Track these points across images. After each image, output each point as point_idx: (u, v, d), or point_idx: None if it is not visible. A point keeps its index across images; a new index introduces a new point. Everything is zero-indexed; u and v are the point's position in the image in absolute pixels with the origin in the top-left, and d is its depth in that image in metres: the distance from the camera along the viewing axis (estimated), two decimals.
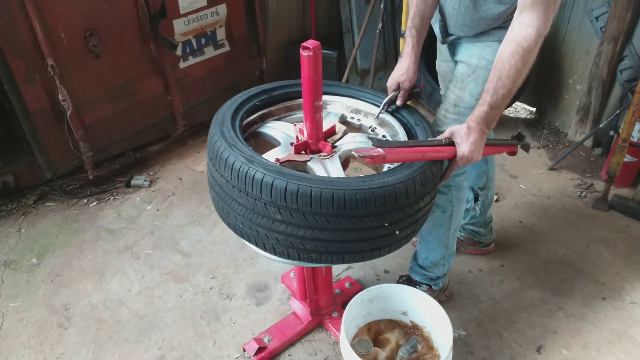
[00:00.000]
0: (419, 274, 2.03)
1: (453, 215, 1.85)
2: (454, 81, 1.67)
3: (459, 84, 1.64)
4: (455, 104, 1.66)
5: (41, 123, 2.48)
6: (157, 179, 2.91)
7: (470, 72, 1.61)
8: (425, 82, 3.37)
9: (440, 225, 1.87)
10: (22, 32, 2.25)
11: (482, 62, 1.57)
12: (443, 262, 1.96)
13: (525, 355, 1.89)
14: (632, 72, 2.78)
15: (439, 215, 1.85)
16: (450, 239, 1.92)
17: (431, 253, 1.95)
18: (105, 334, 2.00)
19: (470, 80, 1.61)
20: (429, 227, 1.90)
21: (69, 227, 2.56)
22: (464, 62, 1.63)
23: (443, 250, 1.93)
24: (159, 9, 2.63)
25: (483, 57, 1.57)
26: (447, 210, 1.83)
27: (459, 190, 1.81)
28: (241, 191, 1.27)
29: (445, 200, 1.81)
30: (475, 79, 1.60)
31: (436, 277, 2.00)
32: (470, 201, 2.18)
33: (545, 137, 3.21)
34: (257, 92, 1.66)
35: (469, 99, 1.62)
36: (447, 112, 1.69)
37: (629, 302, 2.09)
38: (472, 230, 2.26)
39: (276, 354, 1.90)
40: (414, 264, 2.04)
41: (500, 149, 1.80)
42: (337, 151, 1.51)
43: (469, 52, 1.62)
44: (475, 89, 1.60)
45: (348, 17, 3.42)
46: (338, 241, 1.28)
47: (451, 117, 1.68)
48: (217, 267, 2.30)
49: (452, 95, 1.67)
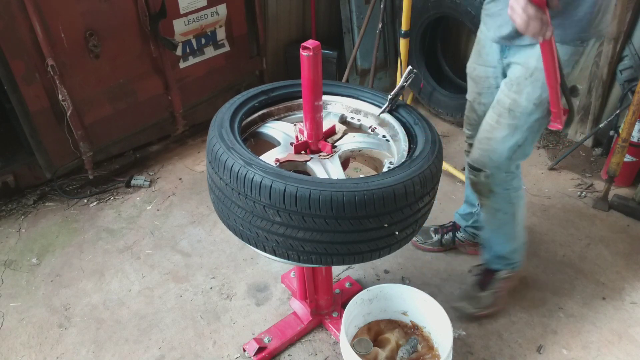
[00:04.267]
0: (499, 263, 2.03)
1: (516, 213, 1.86)
2: (509, 84, 1.61)
3: (515, 87, 1.58)
4: (511, 108, 1.61)
5: (41, 123, 2.48)
6: (157, 179, 2.91)
7: (527, 75, 1.55)
8: (425, 82, 3.37)
9: (505, 224, 1.89)
10: (22, 32, 2.25)
11: (540, 64, 1.48)
12: (519, 248, 1.99)
13: (525, 355, 1.89)
14: (632, 72, 2.77)
15: (501, 216, 1.86)
16: (519, 232, 1.94)
17: (504, 246, 1.97)
18: (105, 334, 2.00)
19: (527, 84, 1.56)
20: (495, 227, 1.92)
21: (69, 227, 2.56)
22: (521, 65, 1.57)
23: (514, 242, 1.96)
24: (159, 9, 2.63)
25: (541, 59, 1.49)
26: (509, 211, 1.84)
27: (516, 191, 1.81)
28: (240, 194, 1.28)
29: (504, 202, 1.81)
30: (533, 82, 1.54)
31: (515, 261, 2.02)
32: (475, 205, 2.18)
33: (545, 137, 3.21)
34: (256, 93, 1.66)
35: (525, 103, 1.57)
36: (501, 117, 1.64)
37: (629, 302, 2.09)
38: (472, 233, 2.26)
39: (276, 354, 1.90)
40: (491, 256, 2.03)
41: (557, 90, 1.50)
42: (337, 151, 1.51)
43: (527, 53, 1.55)
44: (532, 92, 1.55)
45: (348, 17, 3.41)
46: (338, 243, 1.28)
47: (505, 122, 1.63)
48: (217, 267, 2.30)
49: (506, 100, 1.61)
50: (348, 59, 3.33)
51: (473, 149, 1.80)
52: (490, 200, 1.83)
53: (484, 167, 1.75)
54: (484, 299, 1.99)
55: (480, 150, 1.75)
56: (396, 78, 2.92)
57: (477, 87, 1.86)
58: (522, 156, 1.72)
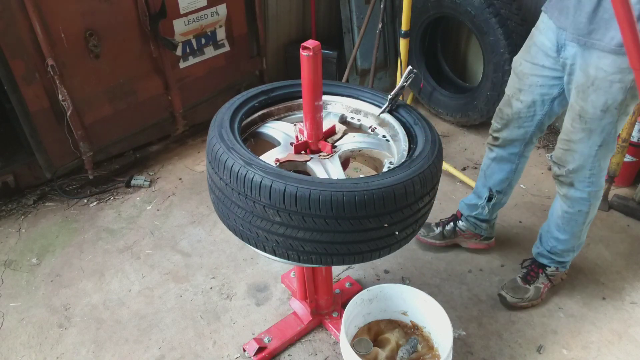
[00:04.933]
0: (548, 259, 2.06)
1: (589, 212, 1.87)
2: (576, 90, 1.62)
3: (581, 95, 1.59)
4: (580, 114, 1.63)
5: (41, 123, 2.47)
6: (157, 179, 2.91)
7: (589, 83, 1.55)
8: (425, 82, 3.37)
9: (575, 222, 1.90)
10: (22, 32, 2.25)
11: (600, 74, 1.50)
12: (574, 248, 2.01)
13: (525, 355, 1.89)
14: None
15: (574, 212, 1.87)
16: (584, 232, 1.96)
17: (562, 243, 1.98)
18: (105, 334, 2.00)
19: (590, 92, 1.56)
20: (563, 221, 1.93)
21: (69, 227, 2.56)
22: (582, 71, 1.57)
23: (575, 241, 1.98)
24: (159, 9, 2.63)
25: (601, 69, 1.50)
26: (583, 209, 1.86)
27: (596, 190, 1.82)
28: (240, 194, 1.28)
29: (582, 201, 1.83)
30: (595, 90, 1.55)
31: (566, 261, 2.05)
32: (483, 199, 2.18)
33: (545, 137, 3.21)
34: (256, 93, 1.66)
35: (592, 110, 1.58)
36: (574, 122, 1.66)
37: (629, 302, 2.09)
38: (474, 222, 2.26)
39: (276, 354, 1.90)
40: (543, 249, 2.06)
41: None
42: (337, 151, 1.51)
43: (585, 60, 1.55)
44: (597, 100, 1.55)
45: (348, 17, 3.41)
46: (338, 243, 1.28)
47: (579, 127, 1.65)
48: (217, 267, 2.30)
49: (576, 106, 1.63)
50: (348, 59, 3.33)
51: (556, 147, 1.81)
52: (569, 193, 1.84)
53: (567, 164, 1.77)
54: (527, 292, 2.05)
55: (561, 150, 1.77)
56: (396, 78, 2.92)
57: (519, 82, 1.84)
58: (606, 154, 1.73)
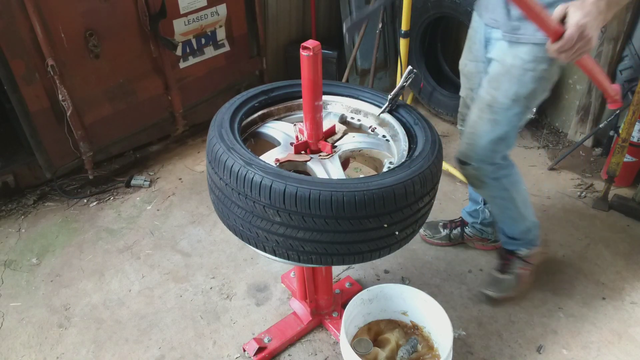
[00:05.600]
0: (513, 244, 2.06)
1: (514, 197, 1.87)
2: (488, 81, 1.65)
3: (494, 84, 1.63)
4: (490, 104, 1.65)
5: (41, 123, 2.47)
6: (157, 179, 2.91)
7: (504, 71, 1.59)
8: (425, 82, 3.37)
9: (506, 209, 1.91)
10: (22, 32, 2.25)
11: (517, 62, 1.54)
12: (529, 227, 2.01)
13: (525, 355, 1.89)
14: (632, 72, 2.77)
15: (499, 202, 1.89)
16: (524, 212, 1.95)
17: (512, 228, 2.00)
18: (105, 334, 2.00)
19: (504, 80, 1.59)
20: (498, 212, 1.95)
21: (69, 227, 2.56)
22: (498, 61, 1.61)
23: (522, 223, 1.98)
24: (159, 9, 2.63)
25: (518, 57, 1.54)
26: (505, 197, 1.86)
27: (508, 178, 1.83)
28: (240, 194, 1.28)
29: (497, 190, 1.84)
30: (509, 79, 1.58)
31: (530, 238, 2.05)
32: (480, 203, 2.20)
33: (545, 137, 3.21)
34: (256, 93, 1.66)
35: (503, 99, 1.61)
36: (482, 112, 1.68)
37: (629, 302, 2.09)
38: (480, 229, 2.28)
39: (276, 354, 1.90)
40: (505, 238, 2.07)
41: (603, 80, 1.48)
42: (337, 151, 1.51)
43: (504, 50, 1.59)
44: (509, 89, 1.59)
45: (348, 17, 3.42)
46: (338, 243, 1.28)
47: (486, 117, 1.67)
48: (217, 267, 2.30)
49: (486, 96, 1.66)
50: (348, 59, 3.33)
51: (460, 143, 1.84)
52: (484, 190, 1.88)
53: (470, 160, 1.78)
54: (506, 282, 2.05)
55: (465, 144, 1.78)
56: (396, 78, 2.92)
57: (469, 83, 1.89)
58: (505, 148, 1.75)
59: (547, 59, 1.52)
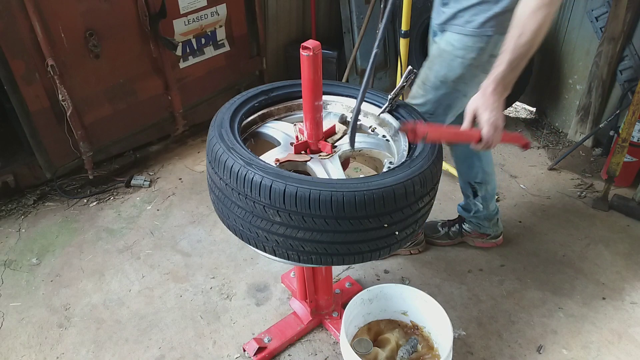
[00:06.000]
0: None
1: None
2: (427, 61, 1.80)
3: (429, 64, 1.78)
4: (424, 81, 1.79)
5: (41, 123, 2.48)
6: (157, 179, 2.91)
7: (438, 54, 1.74)
8: None
9: None
10: (22, 32, 2.25)
11: (448, 47, 1.69)
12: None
13: (525, 355, 1.89)
14: (632, 72, 2.78)
15: None
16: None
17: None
18: (105, 334, 2.00)
19: (436, 62, 1.74)
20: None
21: (69, 227, 2.56)
22: (436, 44, 1.78)
23: None
24: (159, 9, 2.63)
25: (450, 43, 1.68)
26: None
27: None
28: (240, 194, 1.28)
29: None
30: (441, 61, 1.72)
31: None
32: (470, 196, 2.20)
33: (545, 137, 3.21)
34: (256, 93, 1.66)
35: (433, 79, 1.75)
36: (419, 88, 1.82)
37: (629, 302, 2.09)
38: (477, 223, 2.28)
39: (276, 354, 1.90)
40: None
41: (512, 137, 1.65)
42: (337, 151, 1.51)
43: (440, 36, 1.77)
44: (439, 70, 1.73)
45: (348, 17, 3.41)
46: (337, 243, 1.28)
47: (420, 93, 1.81)
48: (217, 267, 2.30)
49: (423, 74, 1.80)
50: (348, 59, 3.33)
51: None
52: None
53: None
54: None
55: None
56: (396, 78, 2.92)
57: None
58: None
59: (476, 49, 1.64)
